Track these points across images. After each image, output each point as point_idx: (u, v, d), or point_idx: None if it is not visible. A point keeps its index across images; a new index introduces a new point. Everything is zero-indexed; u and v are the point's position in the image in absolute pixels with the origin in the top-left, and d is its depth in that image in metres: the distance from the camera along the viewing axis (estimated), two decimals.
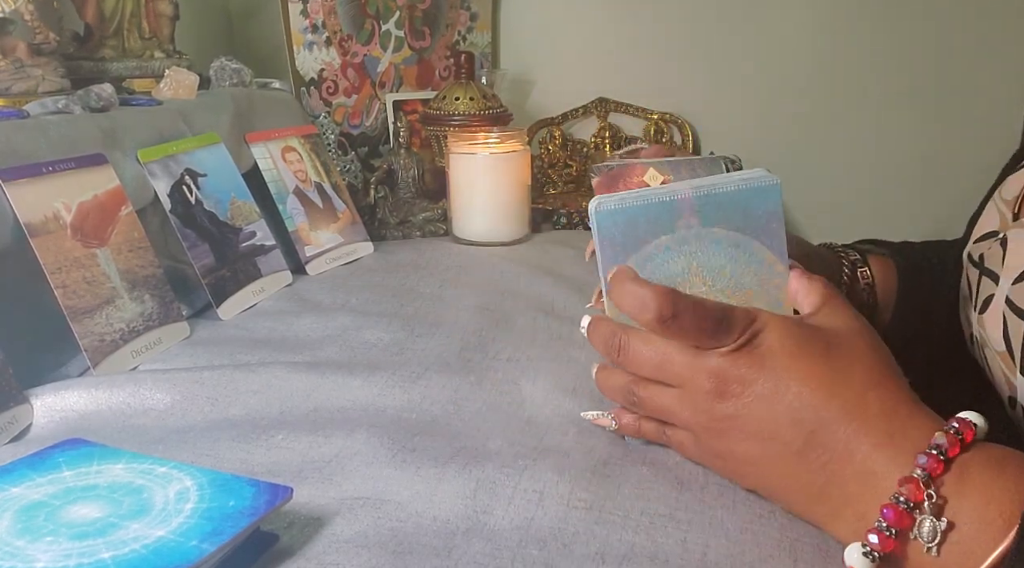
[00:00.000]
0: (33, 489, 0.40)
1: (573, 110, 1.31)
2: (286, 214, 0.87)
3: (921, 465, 0.35)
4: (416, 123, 1.17)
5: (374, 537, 0.41)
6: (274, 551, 0.40)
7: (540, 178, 1.24)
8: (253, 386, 0.58)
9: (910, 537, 0.35)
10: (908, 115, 1.25)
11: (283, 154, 0.91)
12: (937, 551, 0.34)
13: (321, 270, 0.88)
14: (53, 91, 0.71)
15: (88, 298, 0.61)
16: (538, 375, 0.60)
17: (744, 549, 0.40)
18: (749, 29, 1.26)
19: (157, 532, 0.36)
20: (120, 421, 0.55)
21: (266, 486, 0.40)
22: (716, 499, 0.44)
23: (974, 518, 0.34)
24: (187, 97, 0.85)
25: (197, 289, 0.74)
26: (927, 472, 0.35)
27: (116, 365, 0.61)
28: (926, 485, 0.35)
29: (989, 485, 0.35)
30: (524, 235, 1.01)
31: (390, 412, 0.55)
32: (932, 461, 0.35)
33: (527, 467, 0.47)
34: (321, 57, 1.12)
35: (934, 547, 0.34)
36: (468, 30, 1.27)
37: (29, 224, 0.59)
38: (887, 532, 0.35)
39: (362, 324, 0.71)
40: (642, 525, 0.42)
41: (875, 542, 0.35)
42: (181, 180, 0.75)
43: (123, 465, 0.42)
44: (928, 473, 0.35)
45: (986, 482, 0.35)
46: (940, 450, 0.35)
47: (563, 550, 0.40)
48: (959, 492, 0.35)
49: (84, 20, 0.83)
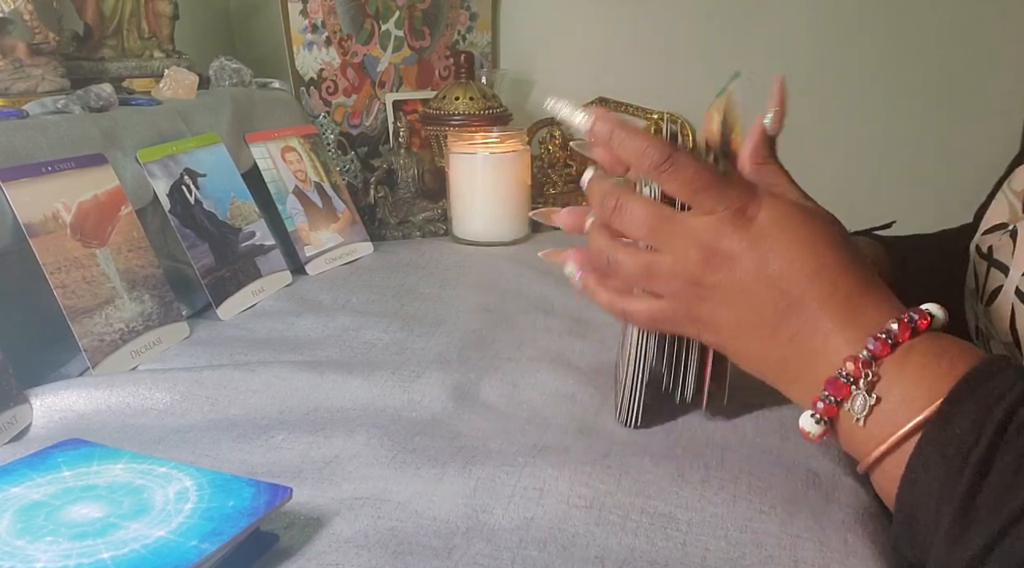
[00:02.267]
0: (33, 489, 0.40)
1: None
2: (286, 214, 0.87)
3: (868, 347, 0.39)
4: (416, 123, 1.17)
5: (374, 537, 0.41)
6: (274, 551, 0.40)
7: (540, 178, 1.24)
8: (253, 386, 0.58)
9: (845, 408, 0.39)
10: (909, 113, 1.25)
11: (283, 154, 0.91)
12: (863, 422, 0.39)
13: (321, 270, 0.88)
14: (53, 91, 0.71)
15: (88, 298, 0.61)
16: (538, 375, 0.60)
17: (745, 552, 0.40)
18: (749, 28, 1.26)
19: (157, 532, 0.36)
20: (120, 421, 0.55)
21: (266, 486, 0.40)
22: (716, 494, 0.44)
23: (901, 395, 0.38)
24: (187, 97, 0.85)
25: (197, 289, 0.74)
26: (871, 353, 0.38)
27: (116, 365, 0.61)
28: (866, 365, 0.38)
29: (925, 367, 0.38)
30: (524, 235, 1.01)
31: (390, 412, 0.55)
32: (879, 344, 0.38)
33: (526, 465, 0.47)
34: (321, 57, 1.12)
35: (862, 418, 0.39)
36: (468, 30, 1.27)
37: (29, 224, 0.59)
38: (829, 401, 0.39)
39: (362, 324, 0.71)
40: (642, 526, 0.42)
41: (820, 408, 0.40)
42: (181, 180, 0.75)
43: (123, 465, 0.42)
44: (872, 354, 0.38)
45: (923, 364, 0.38)
46: (889, 335, 0.39)
47: (563, 552, 0.40)
48: (896, 372, 0.38)
49: (84, 20, 0.83)
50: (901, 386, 0.38)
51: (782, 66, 0.53)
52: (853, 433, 0.39)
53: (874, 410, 0.38)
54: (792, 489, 0.45)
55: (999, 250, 0.52)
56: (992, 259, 0.53)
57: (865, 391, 0.38)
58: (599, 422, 0.53)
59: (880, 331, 0.39)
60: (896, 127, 1.26)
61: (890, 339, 0.38)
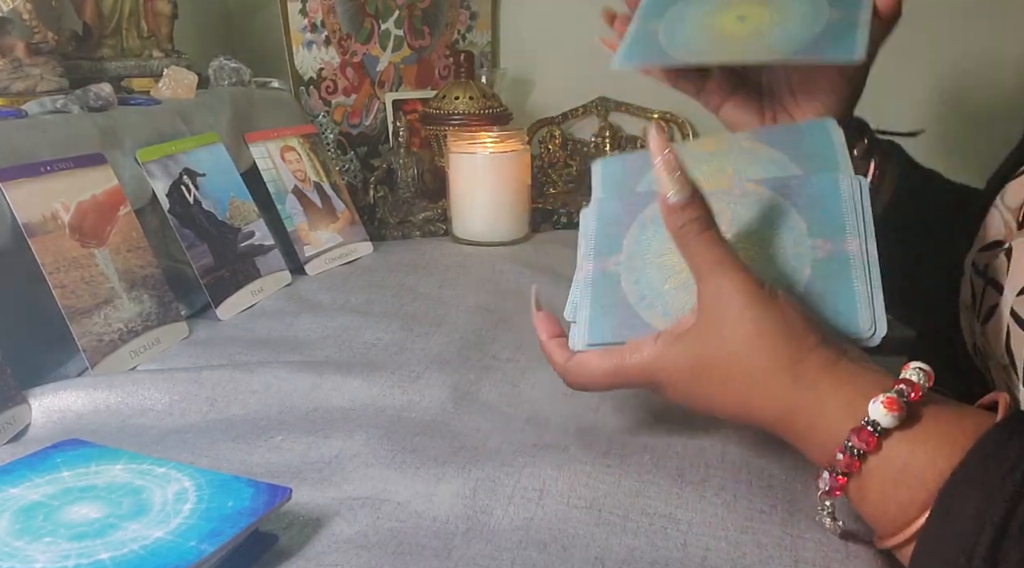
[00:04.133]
0: (32, 489, 0.40)
1: (573, 110, 1.31)
2: (285, 214, 0.87)
3: (837, 464, 0.38)
4: (416, 123, 1.17)
5: (373, 537, 0.41)
6: (273, 551, 0.40)
7: (540, 178, 1.23)
8: (252, 386, 0.58)
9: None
10: (908, 114, 1.25)
11: (282, 154, 0.91)
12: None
13: (320, 270, 0.88)
14: (52, 90, 0.71)
15: (86, 298, 0.61)
16: (537, 375, 0.60)
17: (745, 552, 0.40)
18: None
19: (156, 533, 0.36)
20: (119, 421, 0.55)
21: (265, 486, 0.40)
22: (716, 494, 0.44)
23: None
24: (186, 96, 0.85)
25: (196, 289, 0.74)
26: (842, 469, 0.38)
27: (115, 365, 0.61)
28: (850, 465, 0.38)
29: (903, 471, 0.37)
30: (524, 235, 1.01)
31: (390, 412, 0.55)
32: (846, 458, 0.38)
33: (526, 465, 0.47)
34: (320, 56, 1.12)
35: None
36: (468, 29, 1.27)
37: (27, 224, 0.59)
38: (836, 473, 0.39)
39: (361, 324, 0.71)
40: (642, 527, 0.42)
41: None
42: (180, 180, 0.75)
43: (122, 465, 0.42)
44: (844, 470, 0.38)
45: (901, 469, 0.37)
46: (852, 450, 0.38)
47: (563, 553, 0.40)
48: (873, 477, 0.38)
49: (83, 19, 0.83)
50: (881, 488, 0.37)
51: None
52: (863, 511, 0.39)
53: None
54: (792, 489, 0.45)
55: (995, 269, 0.52)
56: (988, 277, 0.53)
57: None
58: (599, 421, 0.53)
59: (840, 452, 0.38)
60: (895, 127, 1.25)
61: (856, 451, 0.37)
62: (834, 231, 0.47)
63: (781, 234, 0.47)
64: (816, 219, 0.47)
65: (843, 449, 0.37)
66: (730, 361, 0.41)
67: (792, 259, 0.47)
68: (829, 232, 0.47)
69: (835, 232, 0.47)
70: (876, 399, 0.37)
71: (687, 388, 0.43)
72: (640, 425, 0.52)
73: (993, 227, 0.55)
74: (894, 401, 0.37)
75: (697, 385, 0.43)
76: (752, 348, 0.41)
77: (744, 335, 0.41)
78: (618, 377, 0.45)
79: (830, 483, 0.38)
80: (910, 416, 0.37)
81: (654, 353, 0.44)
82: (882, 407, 0.37)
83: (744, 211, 0.48)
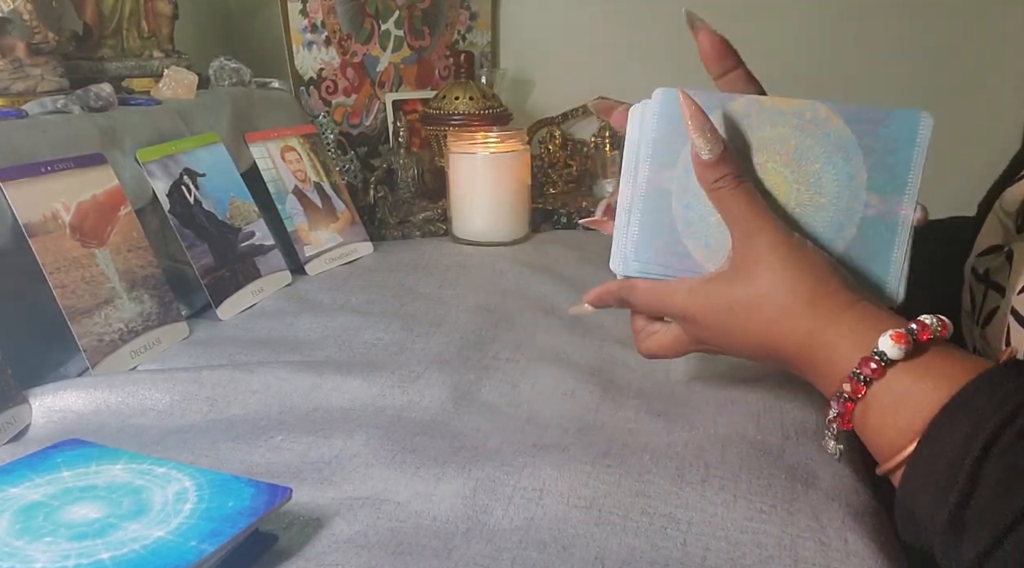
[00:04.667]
0: (32, 489, 0.40)
1: (573, 110, 1.31)
2: (285, 214, 0.87)
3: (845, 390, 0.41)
4: (416, 123, 1.17)
5: (373, 537, 0.41)
6: (273, 552, 0.40)
7: (540, 178, 1.23)
8: (252, 386, 0.58)
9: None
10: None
11: (282, 154, 0.91)
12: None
13: (320, 270, 0.88)
14: (52, 91, 0.71)
15: (87, 298, 0.61)
16: (538, 375, 0.60)
17: (745, 552, 0.40)
18: (749, 29, 1.26)
19: (156, 532, 0.36)
20: (119, 421, 0.55)
21: (265, 486, 0.40)
22: (716, 494, 0.44)
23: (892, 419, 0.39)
24: (186, 97, 0.85)
25: (196, 289, 0.74)
26: (849, 394, 0.41)
27: (115, 365, 0.61)
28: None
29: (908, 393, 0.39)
30: (524, 235, 1.01)
31: (389, 412, 0.55)
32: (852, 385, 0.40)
33: (526, 465, 0.47)
34: (320, 56, 1.12)
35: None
36: (468, 29, 1.27)
37: (28, 224, 0.59)
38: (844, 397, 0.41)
39: (361, 324, 0.71)
40: (642, 527, 0.42)
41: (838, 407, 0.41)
42: (180, 180, 0.75)
43: (122, 465, 0.42)
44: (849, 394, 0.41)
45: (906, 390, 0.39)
46: (860, 377, 0.40)
47: (563, 553, 0.40)
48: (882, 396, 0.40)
49: (83, 19, 0.83)
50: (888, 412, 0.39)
51: (782, 66, 0.53)
52: (865, 437, 0.41)
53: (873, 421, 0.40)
54: (792, 489, 0.45)
55: (996, 272, 0.52)
56: (989, 280, 0.53)
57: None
58: (599, 421, 0.53)
59: (845, 381, 0.40)
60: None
61: (862, 377, 0.40)
62: (893, 188, 0.47)
63: (840, 181, 0.47)
64: (879, 169, 0.47)
65: (851, 376, 0.40)
66: (757, 298, 0.44)
67: (843, 213, 0.47)
68: (888, 188, 0.47)
69: (893, 189, 0.47)
70: (886, 333, 0.39)
71: (718, 323, 0.46)
72: (640, 425, 0.52)
73: (991, 232, 0.55)
74: (903, 335, 0.39)
75: (727, 319, 0.46)
76: (777, 286, 0.44)
77: (771, 276, 0.44)
78: (660, 308, 0.50)
79: (838, 408, 0.41)
80: (917, 351, 0.39)
81: (690, 293, 0.47)
82: (890, 339, 0.39)
83: (811, 143, 0.47)
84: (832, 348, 0.42)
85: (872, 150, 0.47)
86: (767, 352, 0.45)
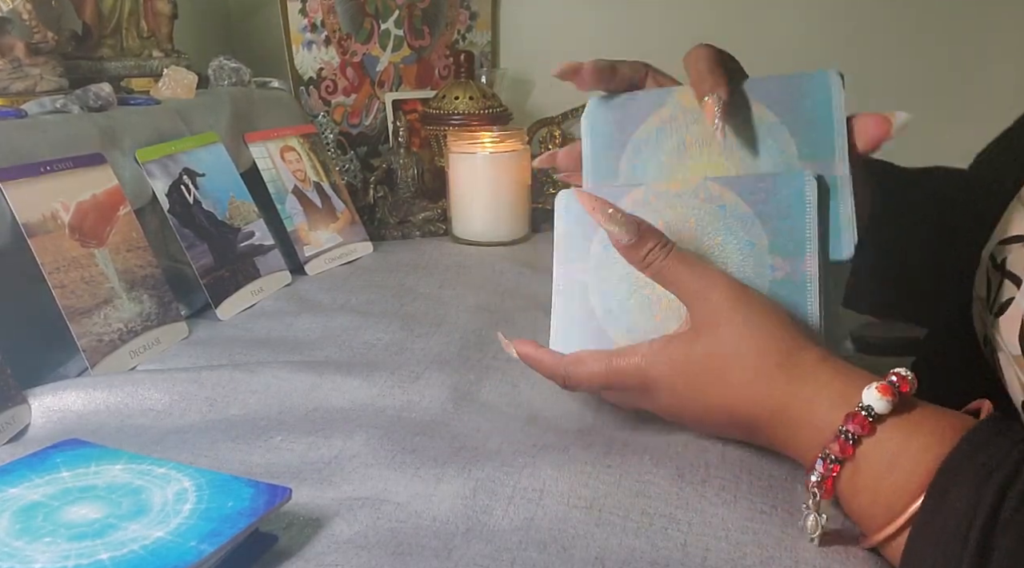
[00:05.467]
0: (31, 490, 0.40)
1: (573, 110, 1.31)
2: (285, 214, 0.87)
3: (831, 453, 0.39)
4: (416, 122, 1.17)
5: (373, 538, 0.41)
6: (273, 552, 0.40)
7: (540, 178, 1.23)
8: (252, 386, 0.58)
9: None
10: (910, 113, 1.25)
11: (282, 154, 0.91)
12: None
13: (320, 270, 0.88)
14: (51, 90, 0.71)
15: (86, 298, 0.61)
16: (538, 375, 0.60)
17: (745, 552, 0.40)
18: (749, 28, 1.26)
19: (155, 533, 0.36)
20: (118, 421, 0.55)
21: (265, 487, 0.40)
22: (717, 494, 0.44)
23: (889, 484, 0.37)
24: (186, 96, 0.85)
25: (196, 289, 0.73)
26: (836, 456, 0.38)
27: (114, 365, 0.61)
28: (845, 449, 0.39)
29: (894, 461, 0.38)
30: (524, 235, 1.01)
31: (389, 412, 0.55)
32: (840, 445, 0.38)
33: (526, 465, 0.47)
34: (320, 56, 1.12)
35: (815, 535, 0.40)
36: (468, 29, 1.27)
37: (27, 224, 0.59)
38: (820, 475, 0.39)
39: (361, 324, 0.71)
40: (642, 527, 0.41)
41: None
42: (179, 180, 0.75)
43: (121, 466, 0.42)
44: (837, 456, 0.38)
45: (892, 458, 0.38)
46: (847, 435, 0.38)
47: (563, 553, 0.40)
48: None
49: (82, 19, 0.83)
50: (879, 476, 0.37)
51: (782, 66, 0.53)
52: (849, 509, 0.40)
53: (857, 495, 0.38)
54: (793, 489, 0.45)
55: (1014, 263, 0.52)
56: (1006, 270, 0.53)
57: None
58: (599, 421, 0.53)
59: (832, 440, 0.38)
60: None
61: (850, 438, 0.38)
62: (794, 249, 0.48)
63: (743, 250, 0.48)
64: (778, 234, 0.48)
65: (837, 434, 0.38)
66: (726, 358, 0.42)
67: (751, 280, 0.47)
68: (789, 250, 0.48)
69: (795, 251, 0.48)
70: (870, 386, 0.38)
71: (682, 387, 0.44)
72: (640, 425, 0.52)
73: (1015, 221, 0.55)
74: (888, 387, 0.37)
75: (693, 383, 0.43)
76: (745, 344, 0.42)
77: (736, 333, 0.42)
78: (612, 378, 0.46)
79: (823, 472, 0.38)
80: (901, 405, 0.38)
81: (648, 356, 0.45)
82: (876, 392, 0.37)
83: (710, 218, 0.49)
84: (810, 406, 0.40)
85: (768, 216, 0.48)
86: (737, 418, 0.43)
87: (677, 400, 0.45)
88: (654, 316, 0.47)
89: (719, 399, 0.43)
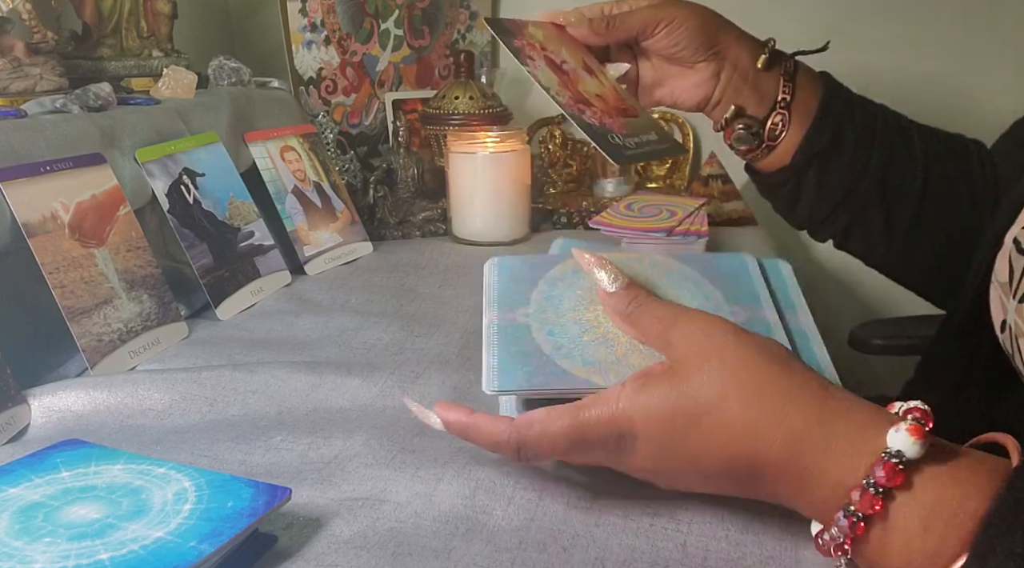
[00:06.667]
0: (31, 490, 0.40)
1: None
2: (285, 214, 0.87)
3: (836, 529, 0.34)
4: (415, 122, 1.17)
5: (373, 538, 0.41)
6: (273, 552, 0.40)
7: (540, 178, 1.23)
8: (252, 386, 0.58)
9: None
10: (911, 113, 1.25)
11: (282, 154, 0.91)
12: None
13: (320, 270, 0.88)
14: (51, 90, 0.71)
15: (86, 298, 0.61)
16: None
17: (746, 552, 0.40)
18: (748, 29, 1.26)
19: (155, 533, 0.36)
20: (118, 422, 0.55)
21: (265, 487, 0.40)
22: (717, 494, 0.44)
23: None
24: (185, 96, 0.85)
25: (195, 289, 0.73)
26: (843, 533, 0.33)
27: (114, 365, 0.61)
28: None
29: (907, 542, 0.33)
30: (524, 235, 1.01)
31: (389, 412, 0.55)
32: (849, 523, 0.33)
33: (526, 465, 0.47)
34: (320, 56, 1.12)
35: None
36: (468, 29, 1.27)
37: (27, 224, 0.59)
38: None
39: (361, 324, 0.71)
40: (642, 528, 0.41)
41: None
42: (179, 180, 0.75)
43: (121, 466, 0.42)
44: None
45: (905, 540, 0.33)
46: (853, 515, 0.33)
47: (563, 554, 0.40)
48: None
49: (82, 19, 0.83)
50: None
51: None
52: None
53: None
54: None
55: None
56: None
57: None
58: None
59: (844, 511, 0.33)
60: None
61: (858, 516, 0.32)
62: (751, 300, 0.49)
63: (699, 302, 0.48)
64: (731, 288, 0.50)
65: (862, 487, 0.31)
66: (721, 401, 0.36)
67: None
68: (746, 300, 0.49)
69: (751, 300, 0.49)
70: (898, 427, 0.32)
71: (667, 439, 0.37)
72: None
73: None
74: (918, 429, 0.32)
75: (680, 435, 0.37)
76: (745, 383, 0.36)
77: (732, 369, 0.36)
78: (580, 434, 0.38)
79: (847, 531, 0.32)
80: (931, 448, 0.32)
81: (622, 400, 0.38)
82: (907, 435, 0.31)
83: (663, 279, 0.49)
84: (825, 450, 0.34)
85: (716, 278, 0.50)
86: (736, 465, 0.36)
87: (659, 453, 0.38)
88: (614, 351, 0.45)
89: (715, 443, 0.36)
